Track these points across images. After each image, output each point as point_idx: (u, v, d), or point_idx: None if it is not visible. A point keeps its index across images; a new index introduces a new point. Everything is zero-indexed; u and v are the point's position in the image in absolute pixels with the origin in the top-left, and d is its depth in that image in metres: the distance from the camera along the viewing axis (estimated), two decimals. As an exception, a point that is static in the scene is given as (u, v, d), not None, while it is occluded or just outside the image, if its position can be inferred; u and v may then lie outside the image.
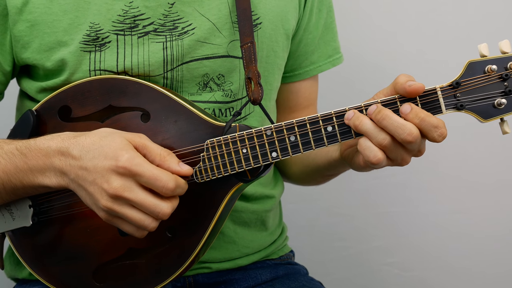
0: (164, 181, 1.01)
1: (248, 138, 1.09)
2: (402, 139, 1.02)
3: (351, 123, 1.05)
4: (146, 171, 1.01)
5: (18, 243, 1.20)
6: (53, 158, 1.06)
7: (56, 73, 1.20)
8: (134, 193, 1.01)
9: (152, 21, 1.18)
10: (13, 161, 1.09)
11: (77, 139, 1.06)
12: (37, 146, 1.08)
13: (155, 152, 1.04)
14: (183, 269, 1.14)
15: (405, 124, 1.02)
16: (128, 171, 1.01)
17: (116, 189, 1.01)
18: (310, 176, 1.38)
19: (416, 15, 1.78)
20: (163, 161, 1.04)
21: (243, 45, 1.19)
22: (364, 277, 1.88)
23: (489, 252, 1.86)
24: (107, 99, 1.15)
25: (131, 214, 1.02)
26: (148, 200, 1.02)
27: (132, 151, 1.02)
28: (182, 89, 1.22)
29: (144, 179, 1.01)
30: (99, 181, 1.01)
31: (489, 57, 1.04)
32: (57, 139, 1.07)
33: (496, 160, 1.82)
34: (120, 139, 1.03)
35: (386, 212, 1.86)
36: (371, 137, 1.03)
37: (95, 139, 1.04)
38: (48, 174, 1.07)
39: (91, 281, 1.16)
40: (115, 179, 1.01)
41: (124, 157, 1.01)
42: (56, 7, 1.17)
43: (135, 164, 1.01)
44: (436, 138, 1.03)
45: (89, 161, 1.03)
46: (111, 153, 1.01)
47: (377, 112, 1.03)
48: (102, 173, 1.01)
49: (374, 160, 1.03)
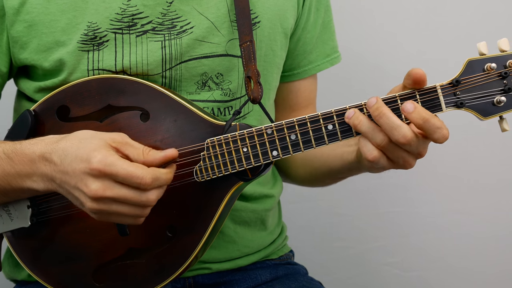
0: (140, 176, 1.00)
1: (248, 137, 1.08)
2: (395, 140, 1.02)
3: (350, 122, 1.05)
4: (119, 170, 0.99)
5: (16, 244, 1.19)
6: (39, 163, 1.06)
7: (54, 73, 1.20)
8: (115, 191, 1.00)
9: (150, 20, 1.18)
10: (1, 165, 1.09)
11: (58, 143, 1.05)
12: (22, 151, 1.08)
13: (137, 149, 1.03)
14: (183, 268, 1.14)
15: (401, 125, 1.02)
16: (102, 173, 1.00)
17: (95, 191, 1.00)
18: (319, 178, 1.37)
19: (416, 15, 1.78)
20: (147, 155, 1.03)
21: (242, 44, 1.19)
22: (364, 277, 1.88)
23: (489, 252, 1.86)
24: (105, 98, 1.15)
25: (119, 208, 1.02)
26: (129, 194, 1.01)
27: (105, 150, 1.01)
28: (180, 88, 1.21)
29: (119, 178, 1.00)
30: (79, 185, 1.01)
31: (488, 55, 1.04)
32: (41, 144, 1.07)
33: (496, 161, 1.82)
34: (96, 141, 1.02)
35: (387, 212, 1.86)
36: (369, 137, 1.04)
37: (74, 142, 1.04)
38: (36, 179, 1.07)
39: (90, 282, 1.16)
40: (92, 182, 1.00)
41: (96, 158, 0.99)
42: (54, 7, 1.16)
43: (108, 165, 0.99)
44: (439, 139, 1.03)
45: (68, 165, 1.02)
46: (85, 156, 1.00)
47: (375, 109, 1.03)
48: (81, 177, 1.01)
49: (370, 157, 1.04)
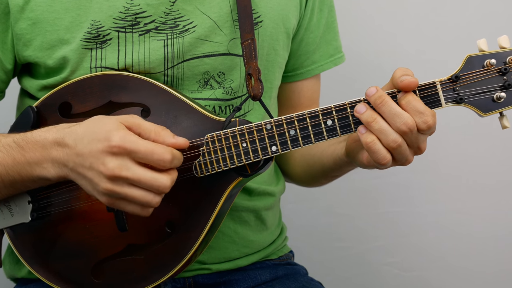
0: (160, 153, 1.01)
1: (248, 132, 1.09)
2: (397, 128, 1.02)
3: (363, 118, 1.04)
4: (140, 147, 1.01)
5: (17, 241, 1.20)
6: (51, 149, 1.06)
7: (57, 71, 1.21)
8: (132, 171, 1.01)
9: (153, 19, 1.19)
10: (11, 154, 1.10)
11: (72, 128, 1.06)
12: (33, 138, 1.08)
13: (149, 129, 1.04)
14: (182, 265, 1.13)
15: (403, 113, 1.02)
16: (122, 149, 1.00)
17: (113, 169, 1.00)
18: (313, 176, 1.37)
19: (416, 15, 1.78)
20: (158, 136, 1.04)
21: (244, 42, 1.19)
22: (364, 277, 1.88)
23: (489, 252, 1.85)
24: (107, 95, 1.15)
25: (132, 192, 1.02)
26: (146, 175, 1.01)
27: (124, 130, 1.02)
28: (182, 86, 1.22)
29: (140, 155, 1.01)
30: (95, 164, 1.01)
31: (488, 51, 1.04)
32: (53, 130, 1.08)
33: (496, 161, 1.82)
34: (111, 121, 1.03)
35: (386, 212, 1.86)
36: (382, 135, 1.03)
37: (88, 125, 1.05)
38: (46, 165, 1.07)
39: (89, 278, 1.16)
40: (110, 160, 1.00)
41: (116, 136, 1.01)
42: (58, 5, 1.17)
43: (129, 141, 1.01)
44: (420, 125, 1.02)
45: (84, 147, 1.03)
46: (103, 135, 1.01)
47: (377, 96, 1.04)
48: (97, 156, 1.01)
49: (384, 161, 1.04)
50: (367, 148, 1.04)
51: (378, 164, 1.05)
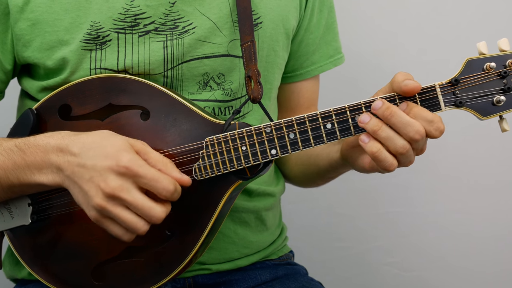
0: (165, 183, 1.02)
1: (247, 136, 1.09)
2: (410, 137, 1.02)
3: (368, 127, 1.03)
4: (148, 172, 1.01)
5: (17, 242, 1.20)
6: (51, 154, 1.06)
7: (57, 72, 1.20)
8: (131, 194, 1.01)
9: (153, 20, 1.18)
10: (12, 158, 1.10)
11: (78, 136, 1.06)
12: (36, 143, 1.08)
13: (156, 158, 1.05)
14: (182, 267, 1.14)
15: (413, 122, 1.02)
16: (129, 171, 1.01)
17: (113, 188, 1.01)
18: (310, 177, 1.37)
19: (417, 15, 1.78)
20: (165, 167, 1.05)
21: (243, 44, 1.19)
22: (364, 277, 1.88)
23: (489, 252, 1.85)
24: (107, 97, 1.15)
25: (124, 215, 1.02)
26: (144, 201, 1.02)
27: (134, 153, 1.03)
28: (182, 87, 1.22)
29: (145, 180, 1.01)
30: (96, 179, 1.01)
31: (488, 54, 1.04)
32: (57, 136, 1.08)
33: (496, 161, 1.82)
34: (122, 141, 1.04)
35: (386, 212, 1.86)
36: (388, 143, 1.03)
37: (97, 138, 1.05)
38: (45, 170, 1.07)
39: (89, 280, 1.16)
40: (114, 179, 1.01)
41: (126, 157, 1.01)
42: (58, 6, 1.17)
43: (137, 165, 1.01)
44: (433, 132, 1.03)
45: (89, 159, 1.03)
46: (112, 154, 1.02)
47: (385, 108, 1.02)
48: (101, 172, 1.01)
49: (392, 168, 1.04)
50: (373, 158, 1.04)
51: (385, 171, 1.05)
